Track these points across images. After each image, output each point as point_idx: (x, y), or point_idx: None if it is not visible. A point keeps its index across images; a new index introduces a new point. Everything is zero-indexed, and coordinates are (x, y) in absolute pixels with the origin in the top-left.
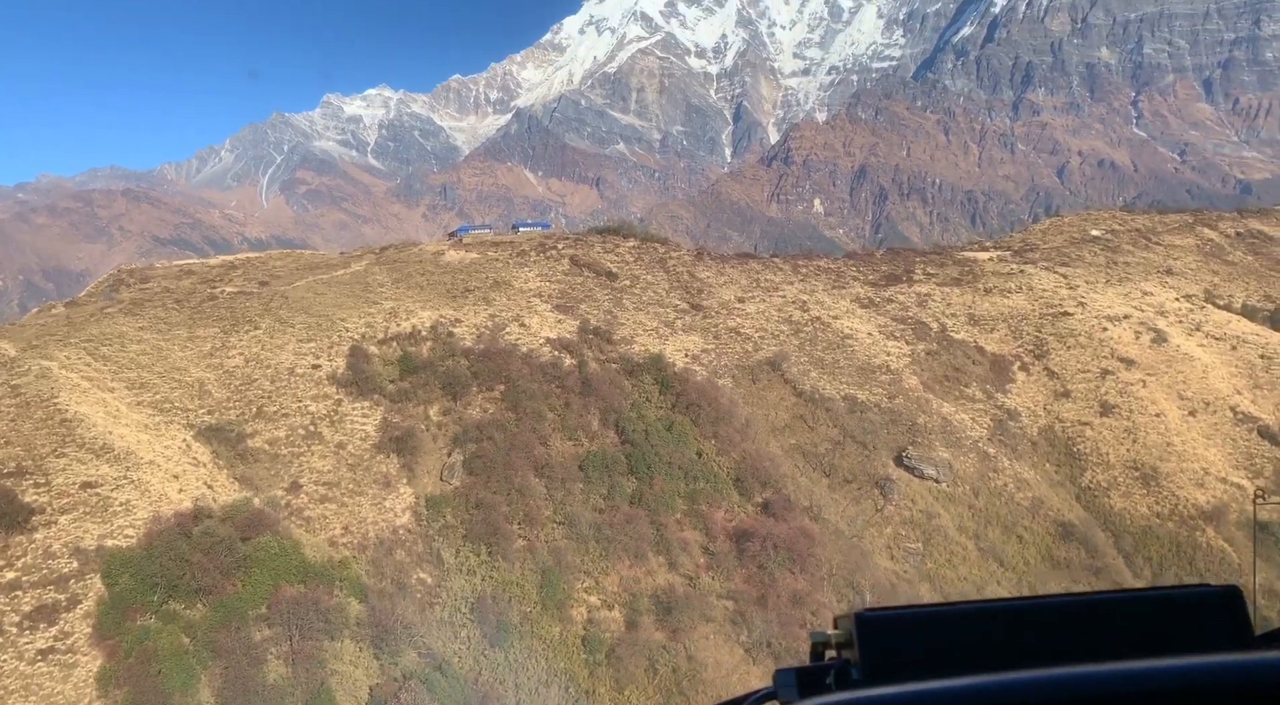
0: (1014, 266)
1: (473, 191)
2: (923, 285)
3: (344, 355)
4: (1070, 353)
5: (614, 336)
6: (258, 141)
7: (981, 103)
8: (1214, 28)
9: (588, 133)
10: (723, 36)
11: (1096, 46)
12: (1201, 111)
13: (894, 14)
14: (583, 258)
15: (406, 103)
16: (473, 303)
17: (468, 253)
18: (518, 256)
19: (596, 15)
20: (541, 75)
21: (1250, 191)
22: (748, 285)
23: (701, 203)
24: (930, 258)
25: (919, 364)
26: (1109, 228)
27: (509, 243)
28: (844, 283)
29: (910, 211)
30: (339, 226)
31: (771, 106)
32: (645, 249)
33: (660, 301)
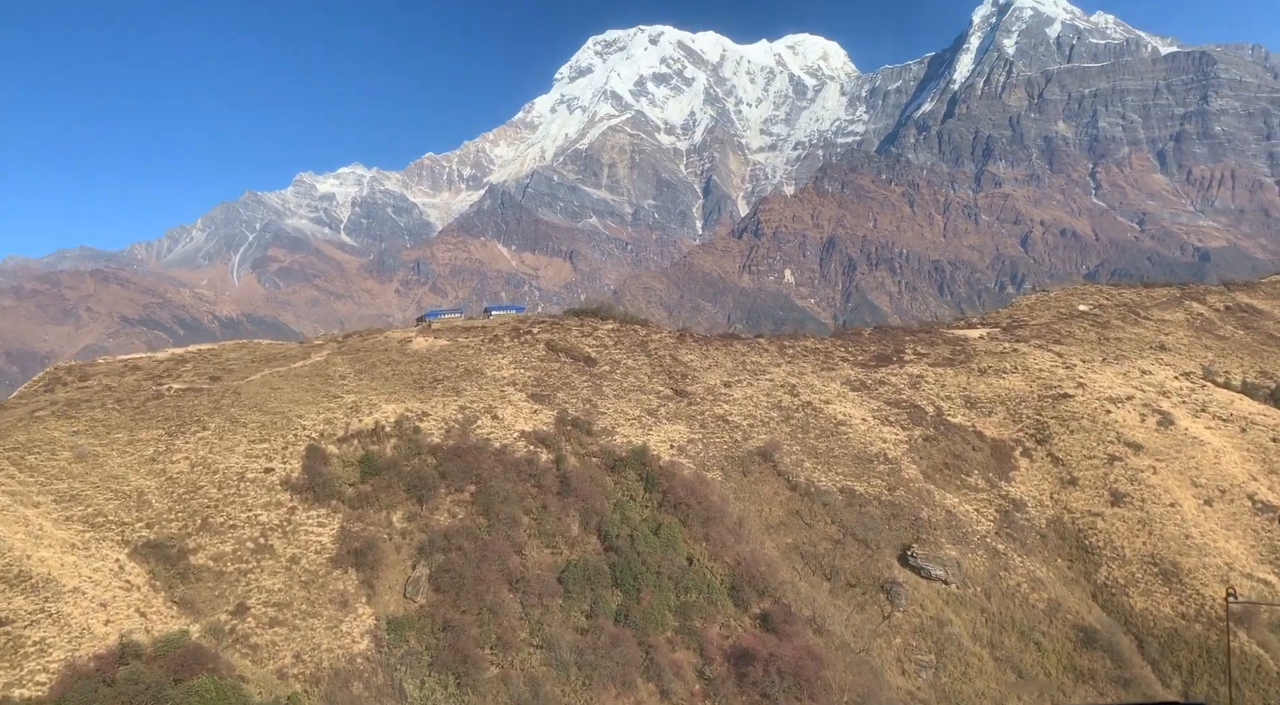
0: (1006, 345)
1: (446, 266)
2: (914, 366)
3: (300, 457)
4: (1074, 437)
5: (594, 427)
6: (230, 220)
7: (944, 175)
8: (1164, 102)
9: (560, 207)
10: (691, 114)
11: (1053, 120)
12: (1157, 182)
13: (856, 92)
14: (559, 342)
15: (380, 180)
16: (442, 394)
17: (437, 339)
18: (490, 342)
19: (567, 94)
20: (514, 152)
21: (1208, 259)
22: (733, 368)
23: (674, 274)
24: (919, 336)
25: (917, 451)
26: (1096, 302)
27: (481, 327)
28: (833, 364)
29: (879, 281)
30: (311, 303)
31: (740, 180)
32: (625, 331)
33: (642, 387)
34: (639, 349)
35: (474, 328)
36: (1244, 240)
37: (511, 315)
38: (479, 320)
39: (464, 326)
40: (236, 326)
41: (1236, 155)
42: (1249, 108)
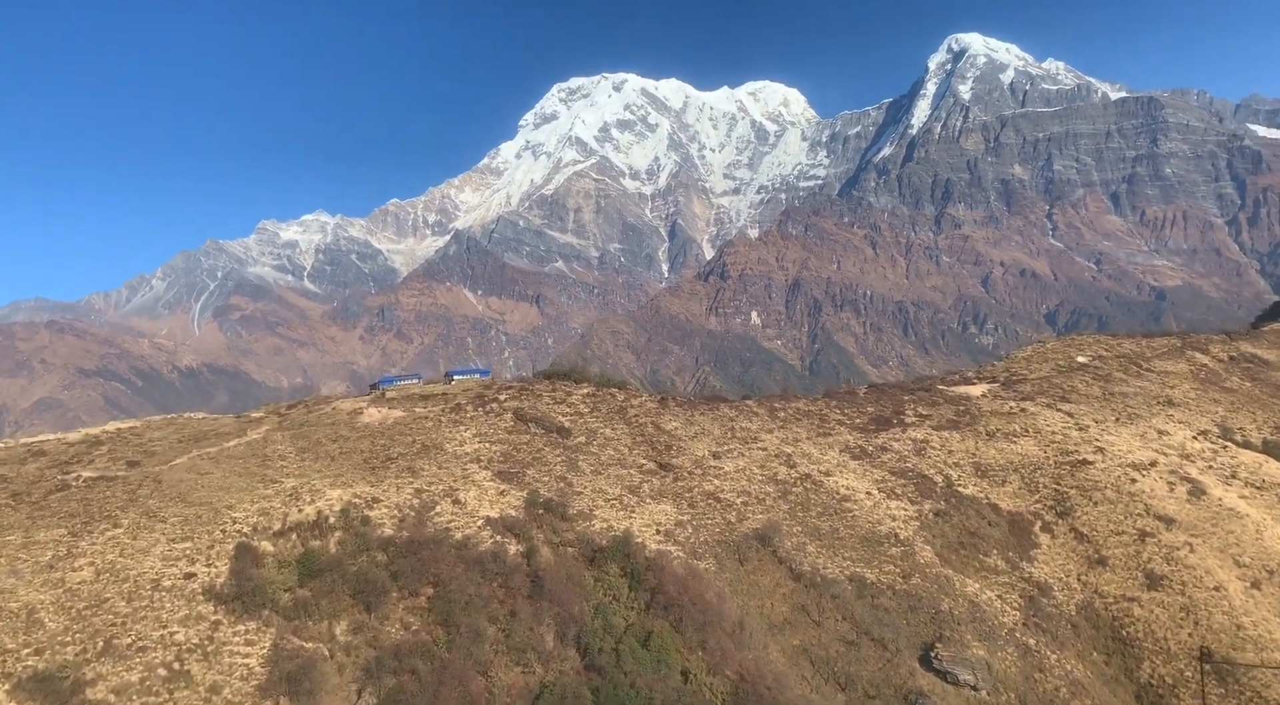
0: (1012, 404)
1: (411, 312)
2: (917, 429)
3: (228, 557)
4: (1098, 509)
5: (569, 510)
6: (191, 269)
7: (905, 218)
8: (1116, 146)
9: (526, 252)
10: (655, 159)
11: (1010, 164)
12: (1112, 223)
13: (817, 137)
14: (529, 411)
15: (344, 227)
16: (395, 475)
17: (391, 410)
18: (451, 412)
19: (532, 141)
20: (479, 198)
21: (1165, 298)
22: (722, 436)
23: (641, 317)
24: (918, 395)
25: (929, 529)
26: (1095, 353)
27: (441, 395)
28: (829, 428)
29: (844, 322)
30: (274, 352)
31: (705, 224)
32: (601, 396)
33: (622, 461)
34: (617, 416)
35: (433, 395)
36: (1198, 279)
37: (476, 380)
38: (439, 386)
39: (422, 394)
40: (197, 376)
41: (1187, 197)
42: (1197, 151)
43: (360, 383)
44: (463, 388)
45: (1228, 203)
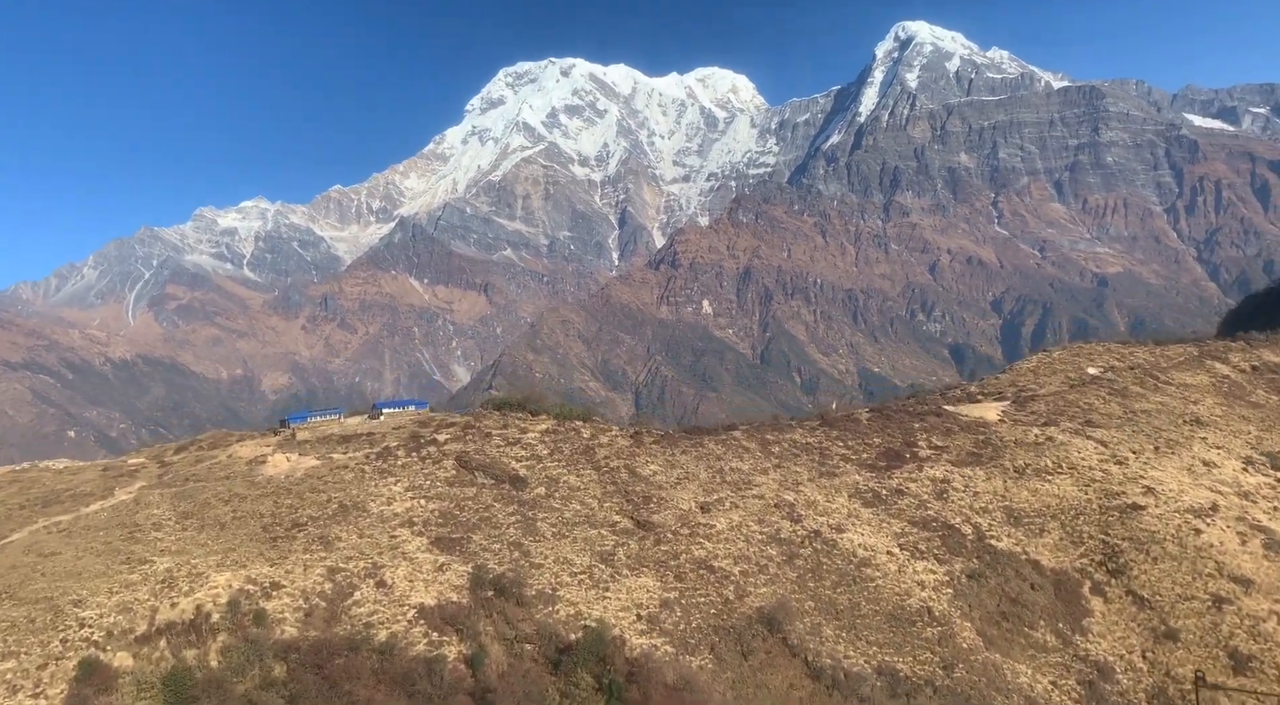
0: (1036, 431)
1: (355, 301)
2: (934, 465)
3: (66, 680)
4: (1159, 568)
5: (526, 591)
6: (124, 257)
7: (854, 205)
8: (1059, 134)
9: (474, 239)
10: (605, 145)
11: (956, 152)
12: (1055, 211)
13: (766, 124)
14: (475, 455)
15: (284, 214)
16: (304, 548)
17: (303, 457)
18: (379, 459)
19: (479, 126)
20: (425, 184)
21: (1107, 284)
22: (710, 481)
23: (592, 306)
24: (928, 421)
25: (964, 597)
26: (1107, 363)
27: (366, 435)
28: (833, 466)
29: (795, 310)
30: (212, 342)
31: (655, 211)
32: (563, 434)
33: (591, 518)
34: (583, 459)
35: (357, 436)
36: (1138, 266)
37: (410, 415)
38: (363, 422)
39: (343, 435)
40: (131, 368)
41: (1127, 185)
42: (1136, 139)
43: (304, 375)
44: (393, 425)
45: (1166, 191)
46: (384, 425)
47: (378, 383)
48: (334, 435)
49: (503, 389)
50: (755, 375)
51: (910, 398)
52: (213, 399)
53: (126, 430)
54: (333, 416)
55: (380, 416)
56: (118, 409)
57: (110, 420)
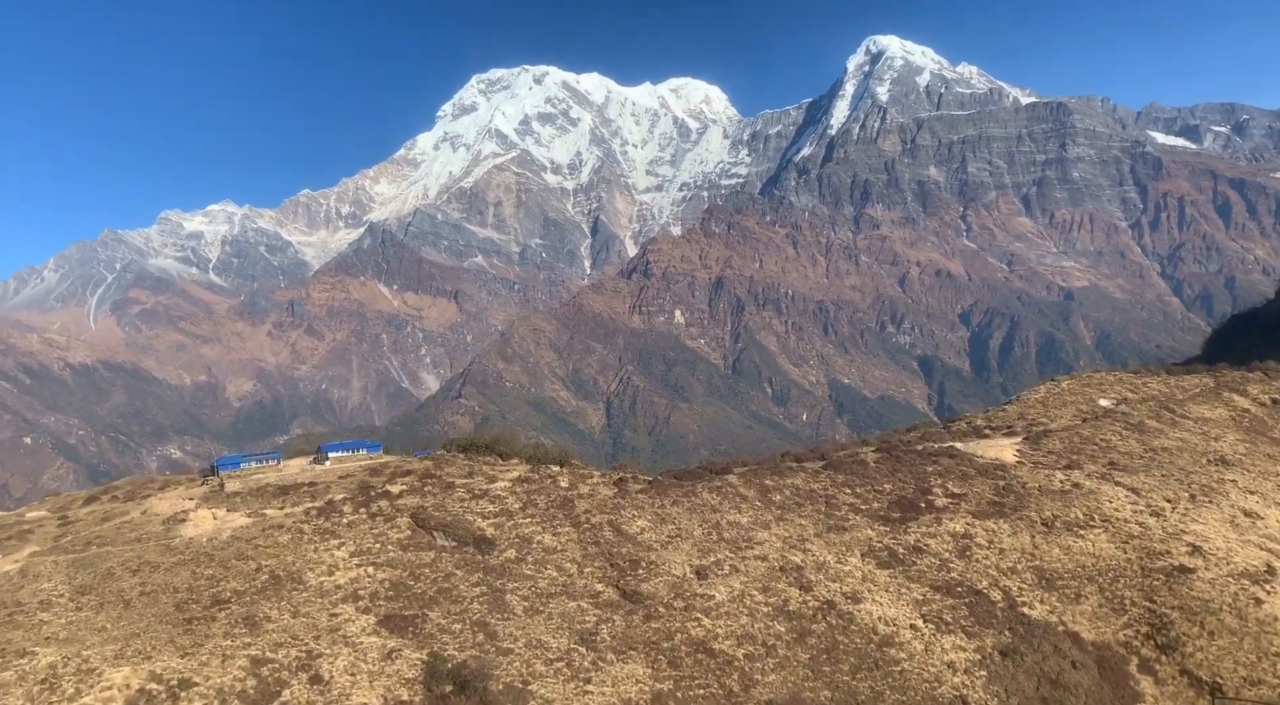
0: (1060, 476)
1: (323, 307)
2: (953, 517)
3: None
4: (1217, 644)
5: (491, 686)
6: (87, 260)
7: (825, 217)
8: (1027, 149)
9: (445, 246)
10: (577, 154)
11: (925, 165)
12: (1022, 225)
13: (738, 135)
14: (434, 512)
15: (252, 218)
16: (223, 634)
17: (231, 513)
18: (320, 516)
19: (451, 132)
20: (395, 190)
21: (1073, 298)
22: (705, 539)
23: (564, 315)
24: (942, 463)
25: (998, 680)
26: (1119, 394)
27: (308, 485)
28: (842, 518)
29: (767, 321)
30: (176, 348)
31: (628, 220)
32: (538, 483)
33: (570, 588)
34: (561, 513)
35: (297, 486)
36: (1104, 281)
37: (360, 460)
38: (305, 469)
39: (280, 485)
40: (91, 374)
41: (1093, 200)
42: (1103, 156)
43: (270, 382)
44: (340, 473)
45: (1131, 207)
46: (329, 473)
47: (345, 390)
48: (270, 486)
49: (473, 397)
50: (727, 386)
51: (912, 431)
52: (176, 406)
53: (85, 437)
54: (270, 462)
55: (326, 461)
56: (77, 415)
57: (69, 427)
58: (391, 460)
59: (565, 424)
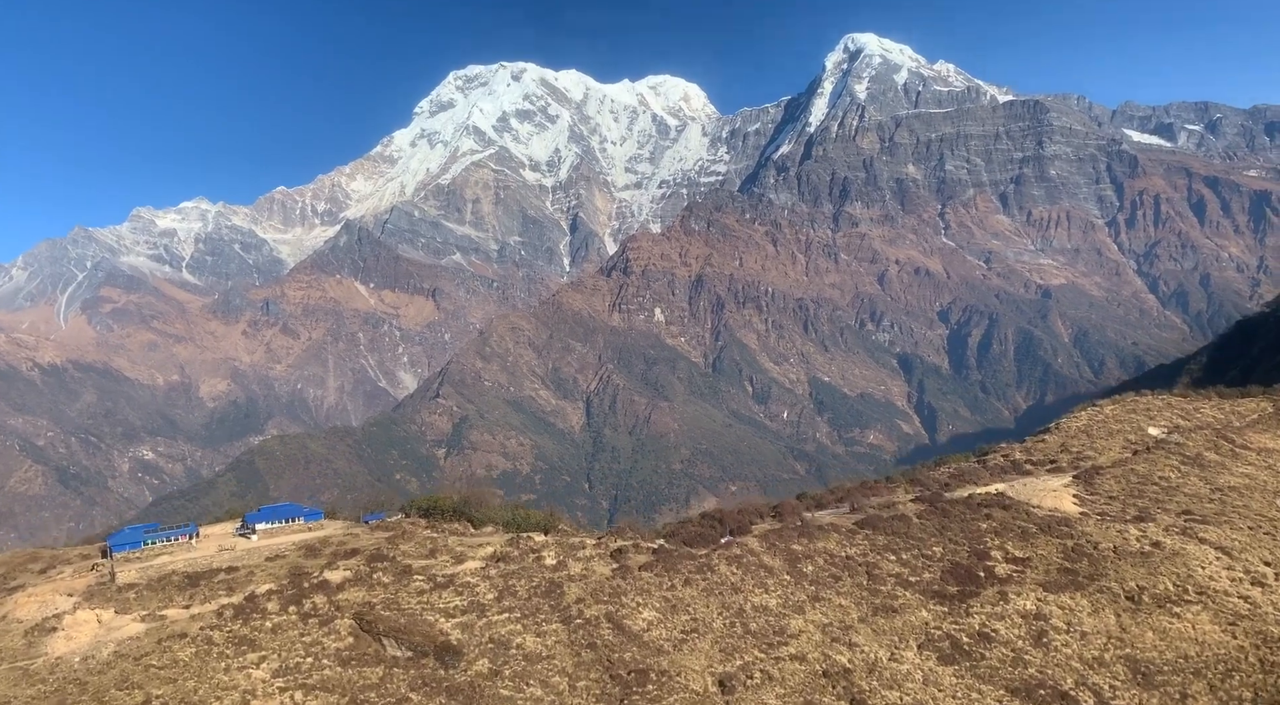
0: (1133, 533)
1: (298, 306)
2: (1019, 591)
3: None
4: None
5: None
6: (56, 258)
7: (805, 215)
8: (1004, 147)
9: (422, 244)
10: (556, 151)
11: (904, 163)
12: (1000, 223)
13: (717, 132)
14: (384, 613)
15: (226, 215)
16: None
17: (120, 617)
18: (237, 618)
19: (428, 128)
20: (372, 186)
21: (1050, 296)
22: (727, 631)
23: (543, 313)
24: (994, 515)
25: None
26: (1169, 421)
27: (226, 571)
28: (889, 594)
29: (747, 319)
30: (148, 347)
31: (607, 218)
32: (516, 559)
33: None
34: (546, 604)
35: (211, 574)
36: (1081, 278)
37: (295, 533)
38: (226, 546)
39: (190, 571)
40: (61, 374)
41: (1070, 198)
42: (1079, 153)
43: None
44: (269, 552)
45: (1107, 204)
46: (255, 552)
47: (321, 390)
48: (176, 574)
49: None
50: (707, 384)
51: (943, 466)
52: (148, 406)
53: (55, 439)
54: (181, 537)
55: (252, 535)
56: (45, 416)
57: (37, 428)
58: (334, 533)
59: (545, 423)
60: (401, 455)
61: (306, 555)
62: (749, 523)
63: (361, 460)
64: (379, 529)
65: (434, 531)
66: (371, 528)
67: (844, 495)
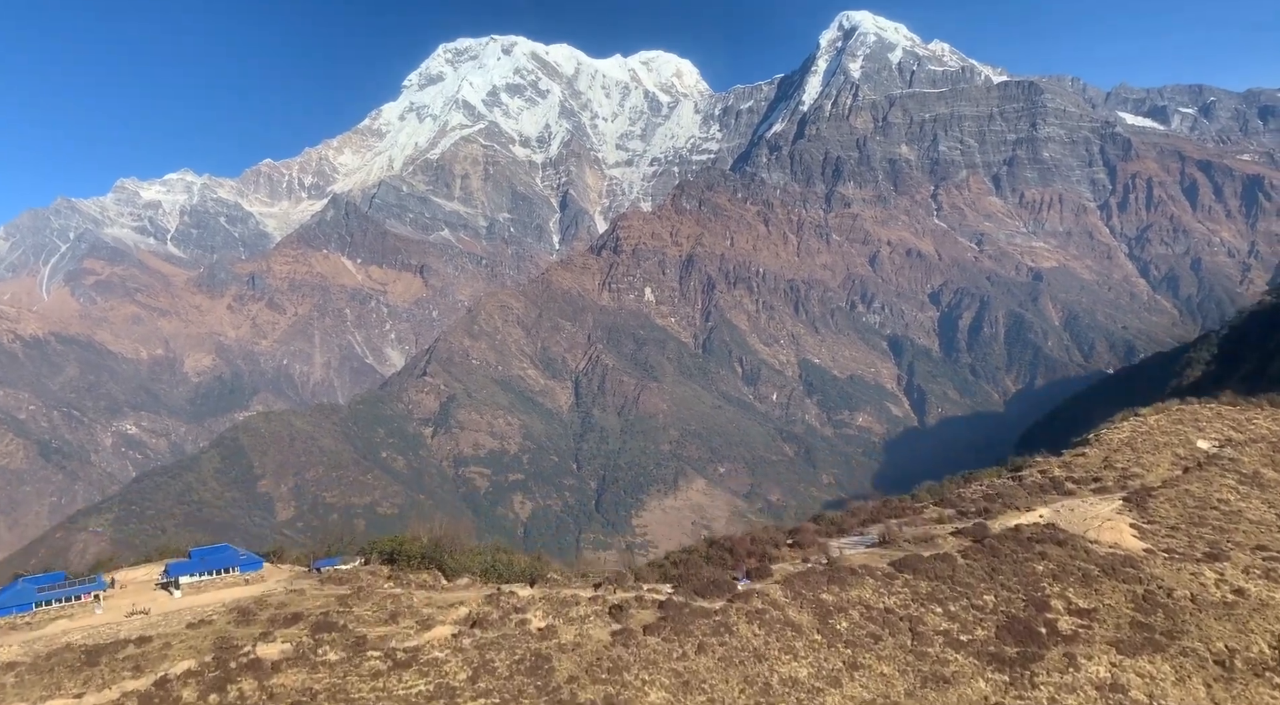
0: (1209, 575)
1: (284, 280)
2: (1088, 653)
3: None
4: None
5: None
6: (39, 228)
7: (797, 195)
8: (998, 128)
9: (410, 219)
10: (546, 127)
11: (897, 143)
12: (993, 205)
13: (710, 110)
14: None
15: (212, 187)
16: None
17: None
18: None
19: (417, 102)
20: (360, 160)
21: (1041, 279)
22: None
23: (532, 292)
24: (1049, 553)
25: None
26: (1219, 433)
27: (133, 646)
28: (938, 657)
29: (737, 300)
30: (132, 320)
31: (597, 195)
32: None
33: None
34: (530, 683)
35: (114, 648)
36: (1072, 261)
37: (228, 588)
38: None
39: (88, 647)
40: (43, 346)
41: (1063, 180)
42: (1072, 136)
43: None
44: (194, 616)
45: (1100, 187)
46: (175, 616)
47: (307, 366)
48: (72, 649)
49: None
50: (697, 365)
51: (974, 483)
52: (131, 380)
53: (37, 412)
54: (84, 597)
55: (175, 591)
56: (28, 389)
57: (19, 402)
58: (275, 588)
59: (533, 403)
60: (388, 433)
61: (238, 621)
62: (764, 554)
63: (348, 438)
64: (331, 582)
65: (398, 584)
66: (322, 579)
67: (867, 518)
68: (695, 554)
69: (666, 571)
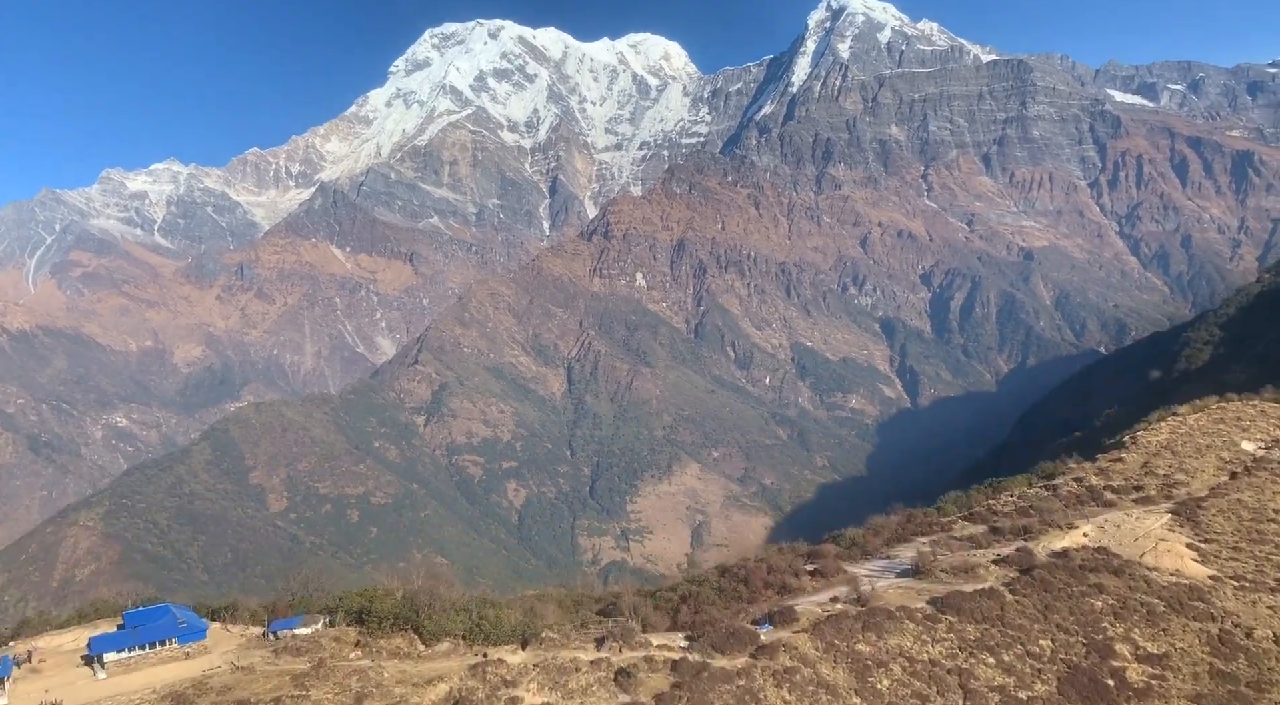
0: None
1: (273, 270)
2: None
3: None
4: None
5: None
6: (24, 220)
7: (787, 177)
8: (988, 108)
9: (399, 206)
10: (535, 111)
11: (887, 124)
12: (983, 184)
13: (699, 92)
14: None
15: (198, 177)
16: None
17: None
18: None
19: (404, 88)
20: (347, 148)
21: (1032, 258)
22: None
23: (523, 278)
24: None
25: None
26: (1265, 433)
27: None
28: None
29: (729, 284)
30: (120, 312)
31: (587, 180)
32: (480, 703)
33: None
34: None
35: None
36: (1063, 240)
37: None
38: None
39: None
40: (30, 340)
41: (1053, 159)
42: (1062, 114)
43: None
44: (126, 698)
45: (1090, 165)
46: (103, 694)
47: (298, 355)
48: None
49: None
50: (689, 349)
51: (1003, 493)
52: (121, 372)
53: (25, 406)
54: None
55: (100, 671)
56: (15, 383)
57: (7, 396)
58: (218, 665)
59: (525, 390)
60: (380, 423)
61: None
62: (783, 585)
63: (340, 428)
64: (287, 652)
65: (366, 653)
66: (277, 649)
67: (891, 536)
68: (706, 586)
69: (675, 611)
